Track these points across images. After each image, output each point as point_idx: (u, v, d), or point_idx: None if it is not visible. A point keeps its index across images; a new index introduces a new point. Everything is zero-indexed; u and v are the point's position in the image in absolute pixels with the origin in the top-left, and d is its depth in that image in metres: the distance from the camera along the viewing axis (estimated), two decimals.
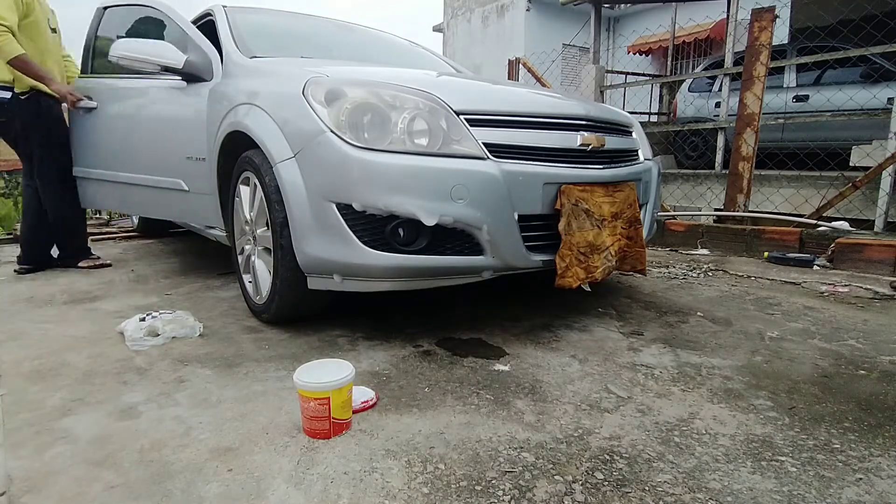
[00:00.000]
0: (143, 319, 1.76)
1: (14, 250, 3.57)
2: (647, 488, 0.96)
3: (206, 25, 2.64)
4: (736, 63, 5.33)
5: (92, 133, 2.79)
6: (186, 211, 2.47)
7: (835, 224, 3.40)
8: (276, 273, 1.72)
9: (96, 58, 2.89)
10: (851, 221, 3.61)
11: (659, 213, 3.27)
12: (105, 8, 2.90)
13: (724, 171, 5.19)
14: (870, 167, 3.59)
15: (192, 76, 2.25)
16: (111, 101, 2.68)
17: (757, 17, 3.44)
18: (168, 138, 2.44)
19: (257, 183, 1.78)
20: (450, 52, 12.54)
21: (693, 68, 9.06)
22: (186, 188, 2.35)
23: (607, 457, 1.07)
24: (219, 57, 2.26)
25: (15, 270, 2.83)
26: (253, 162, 1.77)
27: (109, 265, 2.96)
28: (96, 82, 2.79)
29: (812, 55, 4.66)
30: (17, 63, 2.48)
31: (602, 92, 6.06)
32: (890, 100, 4.34)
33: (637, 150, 2.20)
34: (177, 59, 2.20)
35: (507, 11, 11.29)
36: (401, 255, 1.51)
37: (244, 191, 1.93)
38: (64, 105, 2.79)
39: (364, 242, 1.49)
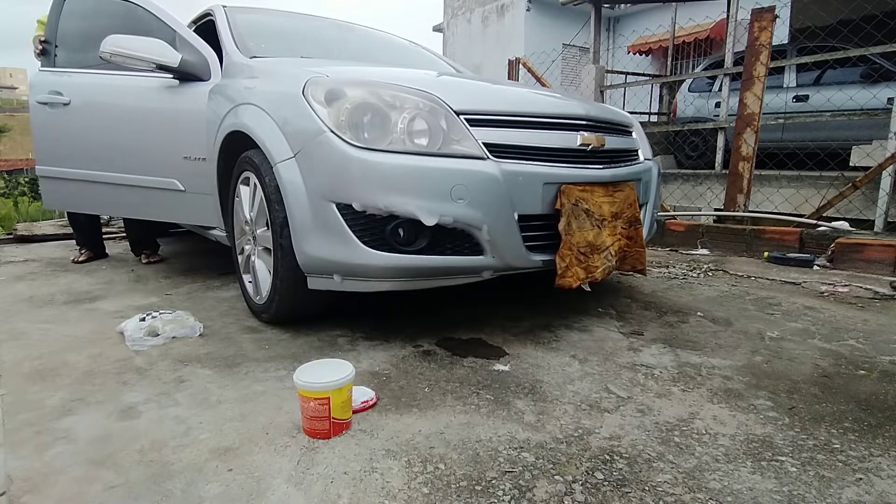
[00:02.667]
0: (143, 319, 1.76)
1: (14, 250, 3.57)
2: (647, 488, 0.96)
3: (206, 25, 2.65)
4: (736, 63, 5.33)
5: (63, 130, 2.61)
6: (181, 211, 2.44)
7: (835, 224, 3.40)
8: (276, 273, 1.72)
9: (61, 50, 2.69)
10: (851, 221, 3.61)
11: (659, 213, 3.27)
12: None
13: (724, 171, 5.18)
14: (870, 167, 3.59)
15: (187, 75, 2.24)
16: (88, 98, 2.52)
17: (757, 17, 3.44)
18: (161, 138, 2.38)
19: (257, 183, 1.78)
20: (450, 52, 12.53)
21: (693, 68, 9.06)
22: (182, 188, 2.35)
23: (607, 457, 1.07)
24: (216, 56, 2.26)
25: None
26: (253, 162, 1.77)
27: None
28: (68, 77, 2.60)
29: (812, 55, 4.66)
30: None
31: (602, 92, 6.06)
32: (890, 100, 4.34)
33: (637, 150, 2.20)
34: (172, 57, 2.18)
35: (507, 11, 11.28)
36: (401, 255, 1.51)
37: (244, 191, 1.93)
38: (32, 100, 2.61)
39: (364, 242, 1.49)
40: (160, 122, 2.38)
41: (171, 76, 2.27)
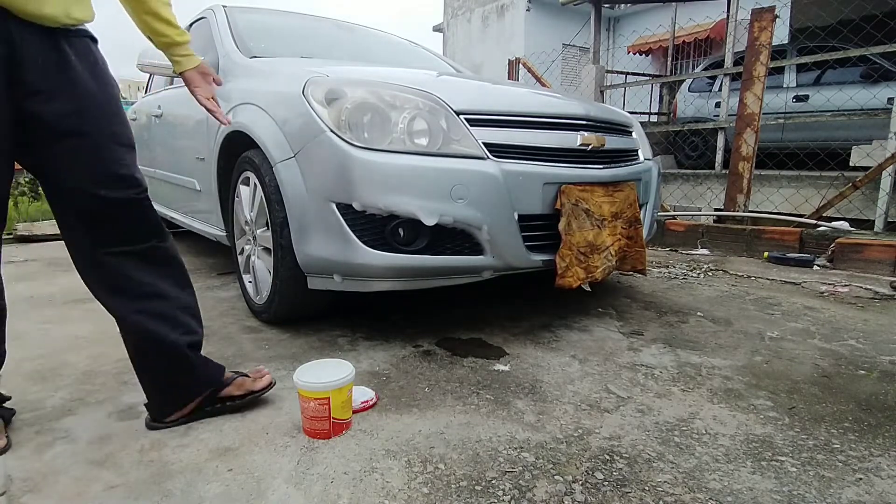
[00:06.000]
0: None
1: (14, 250, 3.57)
2: (647, 488, 0.96)
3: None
4: (736, 63, 5.33)
5: (155, 137, 3.15)
6: (198, 210, 2.54)
7: (835, 224, 3.40)
8: (276, 273, 1.72)
9: None
10: (851, 221, 3.61)
11: (659, 213, 3.27)
12: (189, 25, 2.98)
13: (724, 171, 5.18)
14: (870, 167, 3.59)
15: None
16: (166, 109, 2.87)
17: (757, 17, 3.44)
18: (184, 139, 2.56)
19: (257, 183, 1.78)
20: (450, 52, 12.53)
21: (693, 68, 9.06)
22: (199, 188, 2.38)
23: (607, 457, 1.07)
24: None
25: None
26: (253, 162, 1.77)
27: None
28: (164, 93, 3.02)
29: (812, 55, 4.66)
30: None
31: (602, 92, 6.06)
32: (890, 100, 4.34)
33: (637, 150, 2.20)
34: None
35: (507, 11, 11.28)
36: (401, 255, 1.51)
37: (244, 191, 1.93)
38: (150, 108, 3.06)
39: (364, 242, 1.49)
40: (184, 124, 2.56)
41: None
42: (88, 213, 1.06)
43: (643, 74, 9.15)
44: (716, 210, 4.17)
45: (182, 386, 1.17)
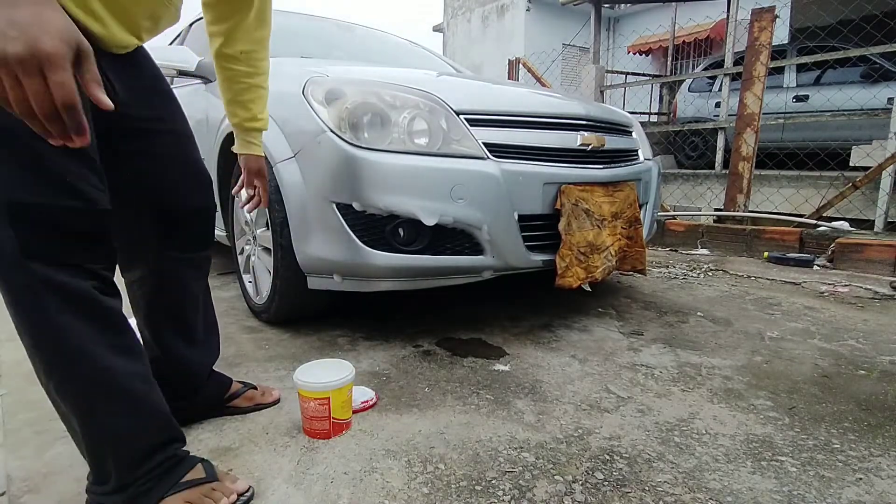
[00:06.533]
0: None
1: None
2: (647, 488, 0.96)
3: None
4: (736, 63, 5.33)
5: None
6: None
7: (835, 224, 3.40)
8: (276, 273, 1.72)
9: None
10: (851, 221, 3.61)
11: (659, 213, 3.27)
12: (191, 24, 2.90)
13: (724, 171, 5.18)
14: (870, 167, 3.59)
15: (205, 79, 2.26)
16: None
17: (757, 17, 3.44)
18: None
19: None
20: (450, 52, 12.54)
21: (693, 68, 9.06)
22: None
23: (607, 457, 1.07)
24: None
25: None
26: None
27: None
28: (177, 91, 3.00)
29: (812, 55, 4.66)
30: None
31: (602, 92, 6.06)
32: (890, 100, 4.34)
33: (637, 150, 2.20)
34: (190, 61, 2.19)
35: (507, 11, 11.29)
36: (401, 255, 1.51)
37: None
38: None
39: (364, 242, 1.49)
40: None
41: (200, 80, 2.29)
42: (168, 219, 1.02)
43: (643, 74, 9.15)
44: (716, 210, 4.17)
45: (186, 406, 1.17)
